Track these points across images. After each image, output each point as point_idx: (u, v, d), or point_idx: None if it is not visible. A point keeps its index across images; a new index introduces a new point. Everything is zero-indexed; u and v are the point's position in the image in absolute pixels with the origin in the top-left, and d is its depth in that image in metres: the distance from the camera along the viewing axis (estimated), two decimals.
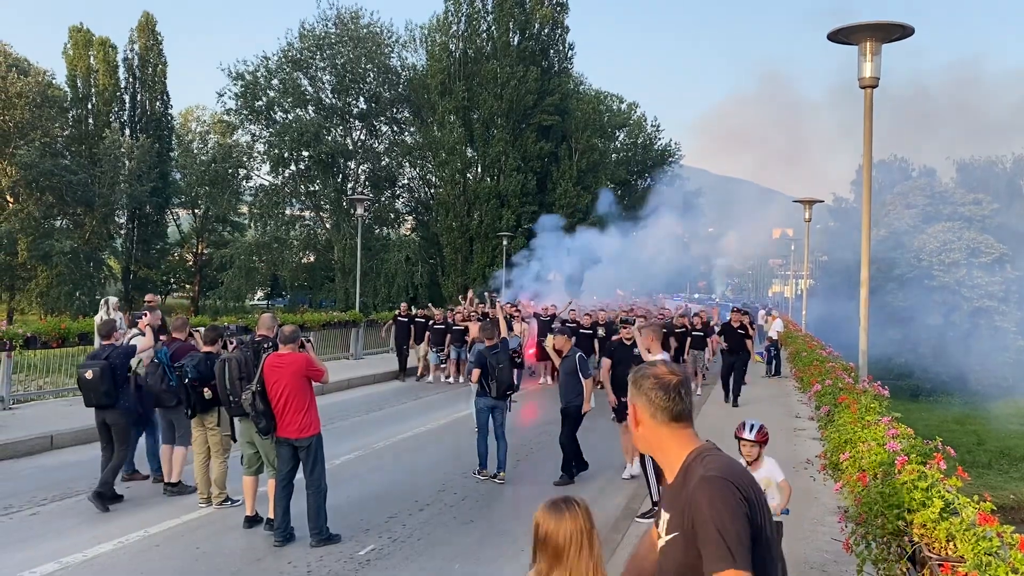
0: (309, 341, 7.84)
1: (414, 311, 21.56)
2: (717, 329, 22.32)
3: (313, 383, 7.48)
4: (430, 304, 25.11)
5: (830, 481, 6.11)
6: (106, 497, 8.19)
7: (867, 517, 3.84)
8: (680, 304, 29.07)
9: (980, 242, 44.38)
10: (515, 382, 10.54)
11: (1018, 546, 2.92)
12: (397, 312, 21.48)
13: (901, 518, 3.56)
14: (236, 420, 8.04)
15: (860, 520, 3.94)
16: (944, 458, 4.37)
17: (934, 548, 3.30)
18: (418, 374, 20.31)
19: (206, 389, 8.19)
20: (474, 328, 17.82)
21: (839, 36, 8.80)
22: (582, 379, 9.77)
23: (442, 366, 19.70)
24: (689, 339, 19.50)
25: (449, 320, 19.92)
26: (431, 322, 19.94)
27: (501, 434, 9.96)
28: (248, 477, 7.94)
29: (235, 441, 8.52)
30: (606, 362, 10.13)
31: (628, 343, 9.87)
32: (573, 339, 10.69)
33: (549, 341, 10.44)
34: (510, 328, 16.80)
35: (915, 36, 8.59)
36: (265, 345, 7.84)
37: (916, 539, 3.43)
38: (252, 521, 7.85)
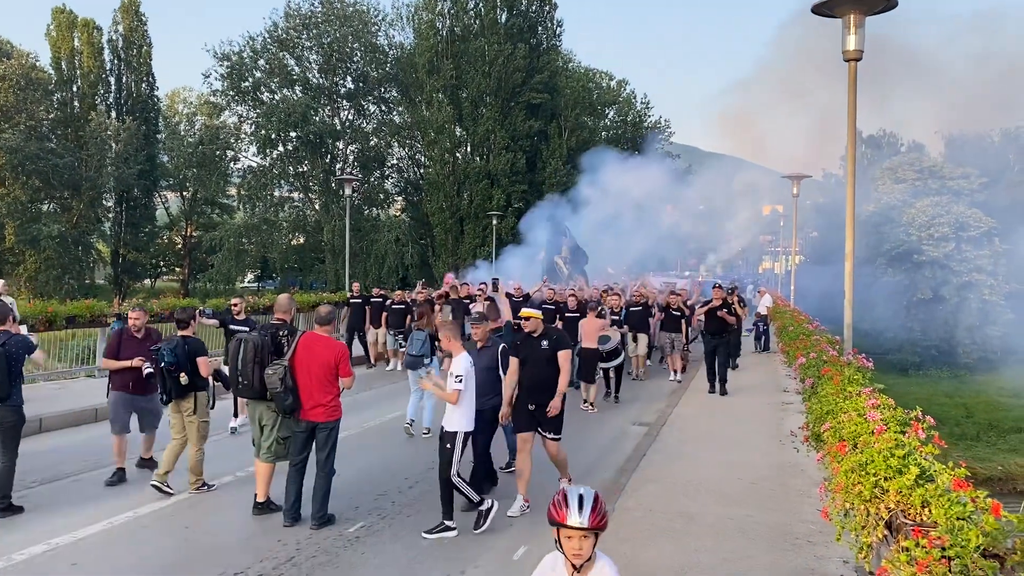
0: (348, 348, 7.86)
1: (371, 292, 19.63)
2: (699, 307, 22.01)
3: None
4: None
5: (814, 452, 6.16)
6: (5, 508, 7.52)
7: (845, 485, 3.88)
8: (668, 281, 28.80)
9: (969, 216, 44.48)
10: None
11: (991, 510, 2.96)
12: (350, 293, 19.33)
13: (878, 485, 3.60)
14: (244, 402, 8.02)
15: (838, 488, 3.98)
16: (924, 428, 4.40)
17: (909, 514, 3.34)
18: (372, 361, 18.38)
19: (182, 375, 8.02)
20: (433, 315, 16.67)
21: (823, 9, 8.77)
22: (502, 376, 7.97)
23: (401, 350, 16.68)
24: (662, 319, 17.53)
25: (409, 300, 17.65)
26: (389, 302, 17.97)
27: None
28: (262, 465, 7.94)
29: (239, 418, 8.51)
30: (513, 363, 7.88)
31: (536, 336, 7.81)
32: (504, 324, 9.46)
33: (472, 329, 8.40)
34: (467, 312, 14.96)
35: None
36: (283, 332, 7.62)
37: (892, 506, 3.47)
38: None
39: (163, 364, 8.01)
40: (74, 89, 49.46)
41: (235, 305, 11.94)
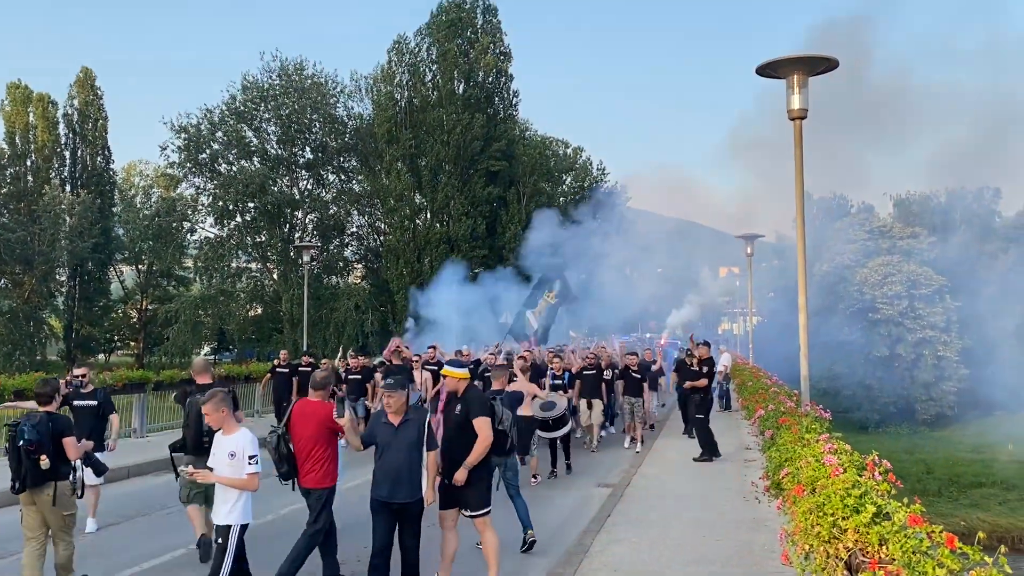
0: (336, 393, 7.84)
1: (300, 360, 18.33)
2: (671, 370, 22.00)
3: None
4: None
5: (775, 502, 6.15)
6: None
7: (804, 527, 3.87)
8: (624, 342, 28.21)
9: (920, 274, 45.57)
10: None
11: (946, 543, 2.96)
12: (275, 362, 18.27)
13: (836, 525, 3.60)
14: (183, 462, 7.75)
15: (797, 530, 3.97)
16: (880, 471, 4.43)
17: (868, 552, 3.33)
18: None
19: (43, 457, 6.58)
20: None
21: (767, 70, 9.07)
22: (426, 454, 6.74)
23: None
24: (623, 382, 16.79)
25: (342, 368, 16.39)
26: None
27: (516, 492, 8.56)
28: (192, 506, 7.94)
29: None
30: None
31: (458, 396, 7.09)
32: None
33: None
34: (411, 380, 13.63)
35: None
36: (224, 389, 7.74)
37: (851, 545, 3.47)
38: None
39: (21, 443, 6.53)
40: (28, 163, 49.10)
41: (82, 376, 9.99)
